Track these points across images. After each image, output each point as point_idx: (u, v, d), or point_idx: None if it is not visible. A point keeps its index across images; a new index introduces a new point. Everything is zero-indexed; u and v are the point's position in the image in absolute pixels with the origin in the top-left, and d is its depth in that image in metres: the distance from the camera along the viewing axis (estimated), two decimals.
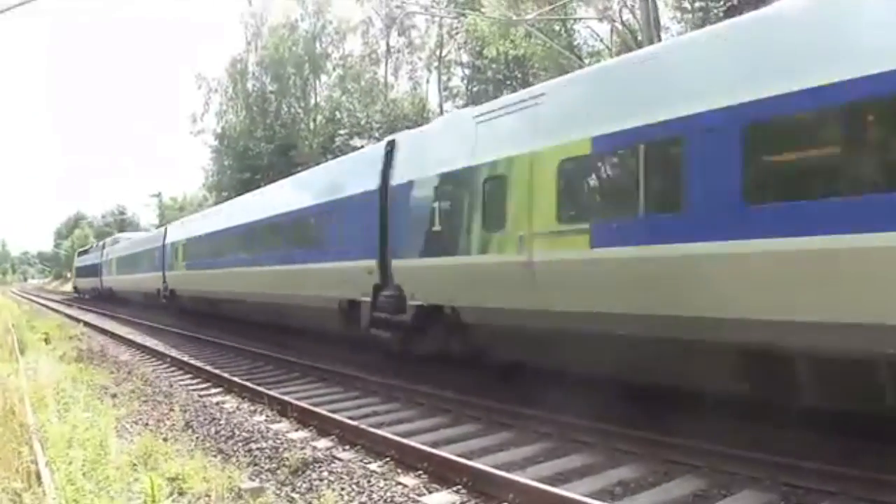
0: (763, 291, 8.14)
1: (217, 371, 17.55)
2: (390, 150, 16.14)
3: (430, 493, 8.20)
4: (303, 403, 12.82)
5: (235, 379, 16.04)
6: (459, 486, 8.17)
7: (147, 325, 33.45)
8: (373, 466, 9.14)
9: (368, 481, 8.45)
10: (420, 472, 8.78)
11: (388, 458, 9.41)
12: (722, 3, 33.83)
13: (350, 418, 11.54)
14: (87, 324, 33.38)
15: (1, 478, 7.78)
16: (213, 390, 15.78)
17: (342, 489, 8.27)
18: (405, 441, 9.79)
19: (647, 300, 9.51)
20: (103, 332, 31.19)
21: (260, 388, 14.47)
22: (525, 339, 11.93)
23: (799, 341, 7.79)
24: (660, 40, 29.41)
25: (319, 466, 9.11)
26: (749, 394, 8.82)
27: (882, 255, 6.94)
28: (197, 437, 11.11)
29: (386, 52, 68.76)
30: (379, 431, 10.42)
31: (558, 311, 10.86)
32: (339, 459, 9.44)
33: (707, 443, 8.92)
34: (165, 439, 10.15)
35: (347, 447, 10.25)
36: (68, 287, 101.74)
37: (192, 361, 19.89)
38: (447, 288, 13.56)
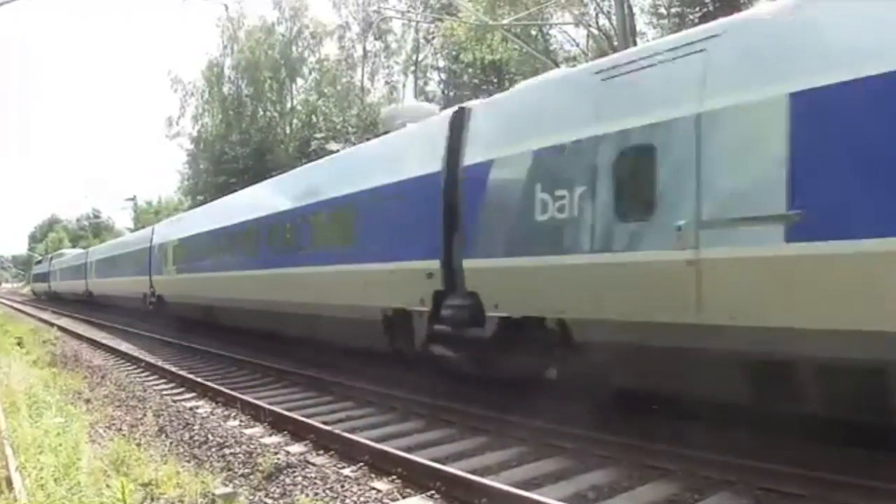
0: None
1: (191, 376, 17.46)
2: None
3: (404, 497, 8.18)
4: (276, 408, 12.78)
5: (209, 384, 15.95)
6: (433, 491, 8.17)
7: (121, 330, 33.22)
8: (346, 471, 9.13)
9: (342, 486, 8.46)
10: (394, 476, 8.76)
11: (361, 463, 9.39)
12: (697, 9, 34.13)
13: (324, 423, 11.51)
14: (61, 328, 33.16)
15: None
16: (187, 395, 15.69)
17: (315, 494, 8.26)
18: (379, 446, 9.77)
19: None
20: (77, 336, 30.95)
21: (234, 393, 14.42)
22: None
23: None
24: (635, 45, 29.60)
25: (293, 471, 9.11)
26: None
27: None
28: (170, 443, 11.06)
29: (362, 56, 68.72)
30: (353, 436, 10.40)
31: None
32: (313, 464, 9.45)
33: (682, 447, 8.98)
34: (139, 444, 10.11)
35: (321, 452, 10.21)
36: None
37: (167, 366, 19.75)
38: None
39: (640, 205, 9.29)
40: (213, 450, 10.51)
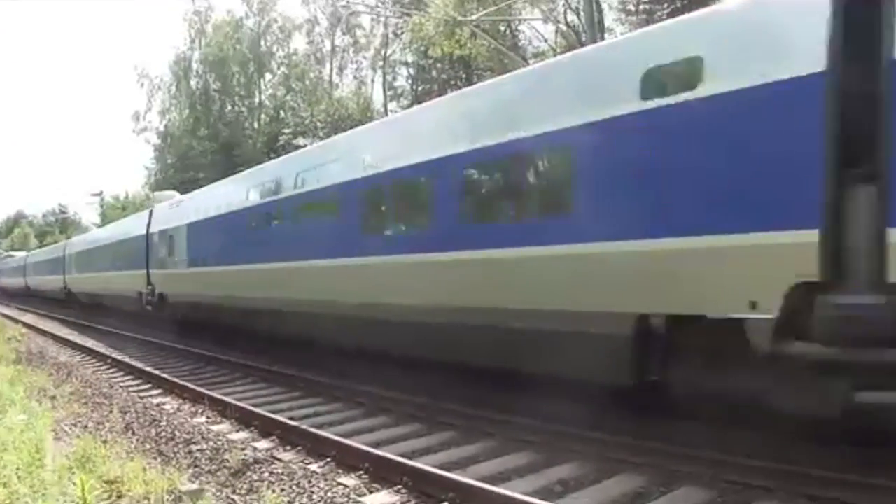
0: None
1: (158, 372, 17.37)
2: None
3: (371, 493, 8.18)
4: (243, 404, 12.76)
5: (176, 380, 15.88)
6: (400, 486, 8.18)
7: (87, 326, 32.96)
8: (313, 467, 9.12)
9: (309, 482, 8.44)
10: (361, 472, 8.77)
11: (329, 459, 9.41)
12: (666, 5, 34.31)
13: (291, 419, 11.51)
14: (26, 325, 32.87)
15: None
16: (154, 391, 15.60)
17: (283, 490, 8.24)
18: (346, 441, 9.79)
19: None
20: (43, 333, 30.69)
21: (201, 389, 14.37)
22: None
23: None
24: (604, 39, 29.73)
25: (260, 467, 9.08)
26: None
27: None
28: (137, 439, 10.99)
29: (331, 51, 68.78)
30: (320, 432, 10.41)
31: None
32: (280, 460, 9.42)
33: (649, 441, 9.05)
34: (105, 442, 10.01)
35: (288, 448, 10.21)
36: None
37: (133, 363, 19.65)
38: None
39: None
40: (180, 446, 10.46)
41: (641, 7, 38.73)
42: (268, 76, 70.05)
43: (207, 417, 12.55)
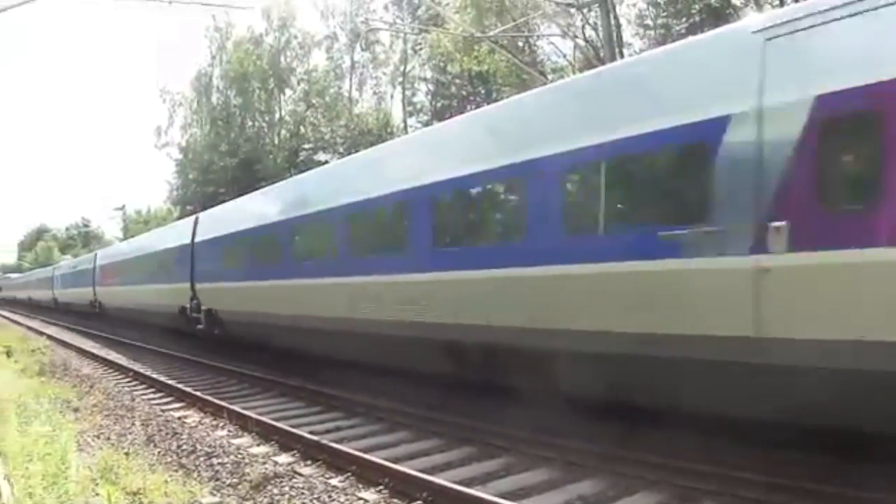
0: None
1: (180, 385, 17.45)
2: None
3: None
4: (264, 418, 12.82)
5: (198, 393, 15.96)
6: (420, 502, 8.22)
7: (110, 339, 33.12)
8: (334, 482, 9.18)
9: (329, 496, 8.50)
10: (381, 487, 8.79)
11: (349, 474, 9.44)
12: (684, 20, 34.34)
13: (312, 433, 11.54)
14: (50, 337, 33.10)
15: None
16: (176, 405, 15.69)
17: None
18: (366, 456, 9.81)
19: None
20: (66, 345, 30.90)
21: (222, 403, 14.44)
22: None
23: None
24: (622, 57, 29.78)
25: (281, 481, 9.14)
26: None
27: None
28: (159, 452, 11.09)
29: (350, 67, 68.91)
30: (340, 446, 10.44)
31: None
32: (301, 475, 9.49)
33: (672, 459, 9.05)
34: (127, 454, 10.13)
35: (309, 462, 10.26)
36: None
37: (155, 375, 19.74)
38: None
39: None
40: (201, 459, 10.53)
41: (659, 21, 38.73)
42: (288, 92, 70.27)
43: (228, 431, 12.63)
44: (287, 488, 8.90)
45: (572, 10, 36.76)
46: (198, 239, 25.47)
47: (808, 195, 7.21)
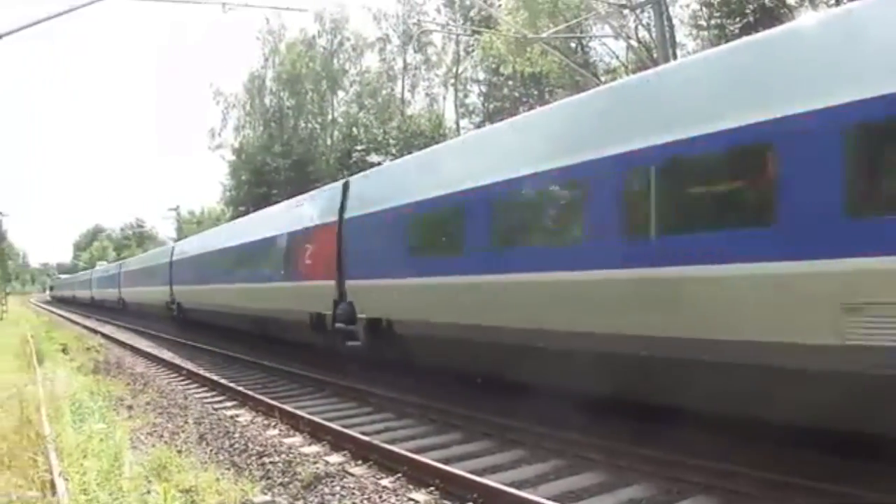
0: None
1: (231, 384, 17.53)
2: None
3: None
4: (315, 418, 12.83)
5: (249, 392, 16.02)
6: (470, 503, 8.19)
7: (163, 338, 33.43)
8: (385, 482, 9.15)
9: (380, 497, 8.50)
10: (432, 487, 8.76)
11: (400, 474, 9.40)
12: (738, 20, 33.94)
13: (363, 433, 11.52)
14: (104, 335, 33.54)
15: (16, 486, 7.88)
16: (228, 403, 15.76)
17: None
18: (417, 457, 9.79)
19: None
20: (121, 344, 31.29)
21: (273, 402, 14.48)
22: None
23: None
24: (675, 58, 29.49)
25: (332, 481, 9.16)
26: None
27: None
28: (211, 450, 11.17)
29: (403, 68, 69.26)
30: (391, 447, 10.42)
31: None
32: (352, 475, 9.49)
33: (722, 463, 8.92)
34: (179, 452, 10.19)
35: (360, 462, 10.22)
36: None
37: (207, 374, 19.89)
38: None
39: None
40: (253, 458, 10.59)
41: (713, 22, 38.32)
42: (340, 93, 70.81)
43: (280, 430, 12.65)
44: (338, 488, 8.91)
45: (625, 11, 36.43)
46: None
47: None
